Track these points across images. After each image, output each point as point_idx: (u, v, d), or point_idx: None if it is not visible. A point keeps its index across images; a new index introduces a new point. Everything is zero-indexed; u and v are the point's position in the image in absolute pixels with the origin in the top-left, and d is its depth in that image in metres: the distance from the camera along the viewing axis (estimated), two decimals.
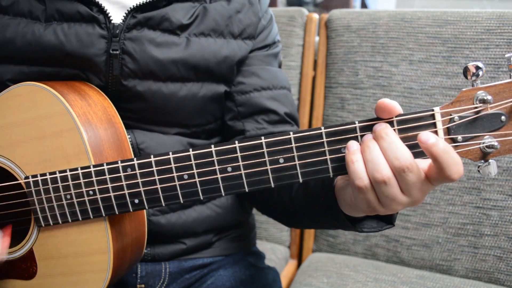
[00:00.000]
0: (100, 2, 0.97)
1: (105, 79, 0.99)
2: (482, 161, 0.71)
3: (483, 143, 0.70)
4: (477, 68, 0.68)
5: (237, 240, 1.22)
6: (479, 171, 0.71)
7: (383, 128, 0.70)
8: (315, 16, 1.69)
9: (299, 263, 1.73)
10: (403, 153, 0.68)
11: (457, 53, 1.44)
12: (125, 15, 0.98)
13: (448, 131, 0.70)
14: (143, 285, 1.10)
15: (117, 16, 1.00)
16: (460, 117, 0.69)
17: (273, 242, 1.73)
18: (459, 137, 0.70)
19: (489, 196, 1.41)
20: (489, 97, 0.68)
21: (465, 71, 0.69)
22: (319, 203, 0.91)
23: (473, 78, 0.69)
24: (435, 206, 1.46)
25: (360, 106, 1.55)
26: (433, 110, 0.70)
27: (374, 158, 0.69)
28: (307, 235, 1.70)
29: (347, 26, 1.58)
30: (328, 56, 1.64)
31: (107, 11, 0.97)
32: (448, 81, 1.44)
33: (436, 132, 0.70)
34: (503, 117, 0.69)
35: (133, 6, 0.98)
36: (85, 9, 0.97)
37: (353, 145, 0.72)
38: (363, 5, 4.11)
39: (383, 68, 1.52)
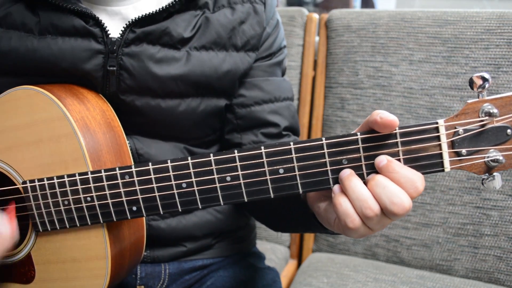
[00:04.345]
0: (97, 15, 0.94)
1: (102, 93, 0.97)
2: (487, 174, 0.70)
3: (488, 157, 0.69)
4: (484, 79, 0.67)
5: (237, 242, 1.21)
6: (483, 184, 0.70)
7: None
8: (315, 16, 1.68)
9: (299, 263, 1.72)
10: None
11: (457, 53, 1.43)
12: (123, 29, 0.95)
13: (452, 144, 0.69)
14: (142, 286, 1.10)
15: (114, 30, 0.97)
16: (465, 130, 0.68)
17: (273, 242, 1.73)
18: (464, 151, 0.69)
19: (489, 196, 1.40)
20: (495, 110, 0.67)
21: (471, 83, 0.68)
22: (293, 208, 0.92)
23: (479, 89, 0.68)
24: (435, 206, 1.46)
25: (360, 106, 1.55)
26: (437, 123, 0.69)
27: (359, 195, 0.70)
28: (307, 235, 1.70)
29: (347, 26, 1.57)
30: (328, 56, 1.63)
31: (104, 25, 0.94)
32: (448, 81, 1.44)
33: (439, 146, 0.69)
34: (509, 131, 0.68)
35: (132, 20, 0.95)
36: (81, 23, 0.94)
37: (335, 188, 0.73)
38: (370, 5, 4.09)
39: (383, 68, 1.52)
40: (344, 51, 1.58)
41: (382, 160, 0.69)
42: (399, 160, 0.70)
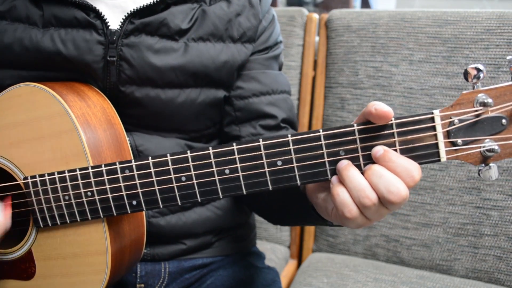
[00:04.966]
0: (97, 8, 0.97)
1: (103, 85, 0.99)
2: (483, 164, 0.70)
3: (484, 147, 0.69)
4: (478, 70, 0.68)
5: (237, 241, 1.22)
6: (479, 175, 0.70)
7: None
8: (315, 16, 1.69)
9: (299, 263, 1.72)
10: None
11: (457, 53, 1.43)
12: (122, 20, 0.97)
13: (447, 135, 0.70)
14: (142, 285, 1.10)
15: (114, 21, 0.99)
16: (460, 120, 0.69)
17: (273, 242, 1.73)
18: (459, 141, 0.69)
19: (489, 196, 1.40)
20: (490, 100, 0.67)
21: (466, 74, 0.68)
22: (292, 200, 0.93)
23: (474, 80, 0.68)
24: (435, 206, 1.46)
25: (360, 106, 1.55)
26: (432, 113, 0.69)
27: (357, 185, 0.70)
28: (307, 235, 1.70)
29: (347, 26, 1.58)
30: (328, 56, 1.64)
31: (104, 17, 0.97)
32: (448, 81, 1.44)
33: (435, 136, 0.70)
34: (503, 121, 0.68)
35: (131, 11, 0.97)
36: (82, 14, 0.96)
37: (333, 178, 0.73)
38: (366, 5, 4.10)
39: (383, 68, 1.52)
40: (344, 51, 1.58)
41: (379, 150, 0.70)
42: (395, 150, 0.71)
